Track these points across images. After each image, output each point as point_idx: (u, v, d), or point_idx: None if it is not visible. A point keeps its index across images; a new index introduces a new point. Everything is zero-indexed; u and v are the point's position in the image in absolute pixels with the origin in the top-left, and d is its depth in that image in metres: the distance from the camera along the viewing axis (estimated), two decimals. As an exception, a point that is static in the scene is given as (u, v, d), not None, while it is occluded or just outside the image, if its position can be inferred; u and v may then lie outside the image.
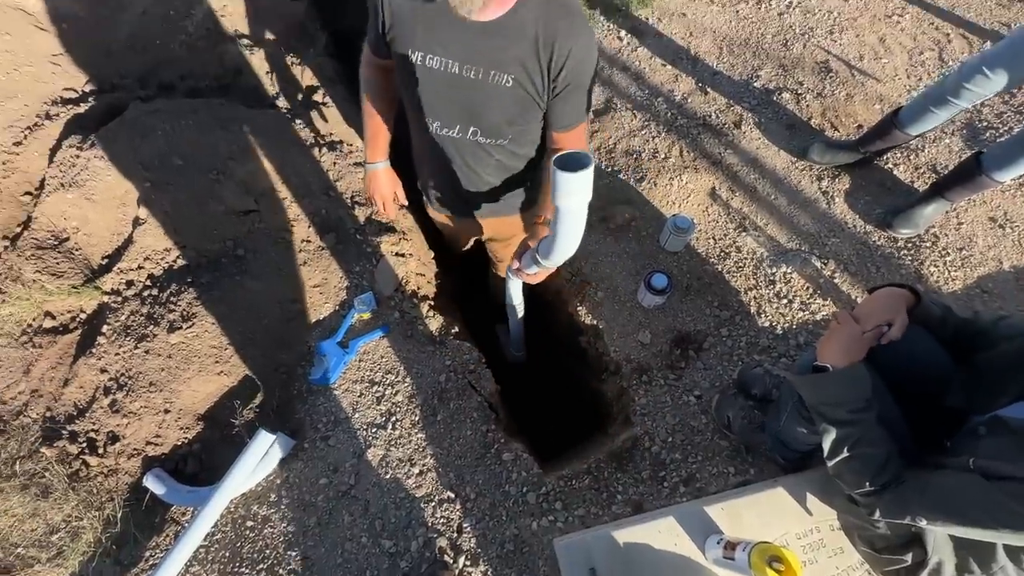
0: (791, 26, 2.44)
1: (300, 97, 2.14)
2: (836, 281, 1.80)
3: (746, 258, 1.86)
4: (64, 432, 1.54)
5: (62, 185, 1.76)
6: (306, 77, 2.19)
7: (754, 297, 1.78)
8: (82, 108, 1.93)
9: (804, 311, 1.75)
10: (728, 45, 2.39)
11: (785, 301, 1.77)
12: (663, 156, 2.07)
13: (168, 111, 1.82)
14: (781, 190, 1.99)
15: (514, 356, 2.01)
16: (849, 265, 1.83)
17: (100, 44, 2.06)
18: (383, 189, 1.41)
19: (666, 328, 1.74)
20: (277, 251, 1.76)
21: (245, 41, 2.17)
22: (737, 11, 2.50)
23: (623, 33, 2.43)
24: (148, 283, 1.67)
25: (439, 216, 1.61)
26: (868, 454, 0.91)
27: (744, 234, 1.90)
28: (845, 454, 0.93)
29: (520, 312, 1.65)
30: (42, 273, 1.72)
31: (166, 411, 1.56)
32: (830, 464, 0.98)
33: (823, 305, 1.76)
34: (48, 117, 1.92)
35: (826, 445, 0.97)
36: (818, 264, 1.82)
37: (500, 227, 1.54)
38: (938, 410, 0.99)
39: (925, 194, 1.83)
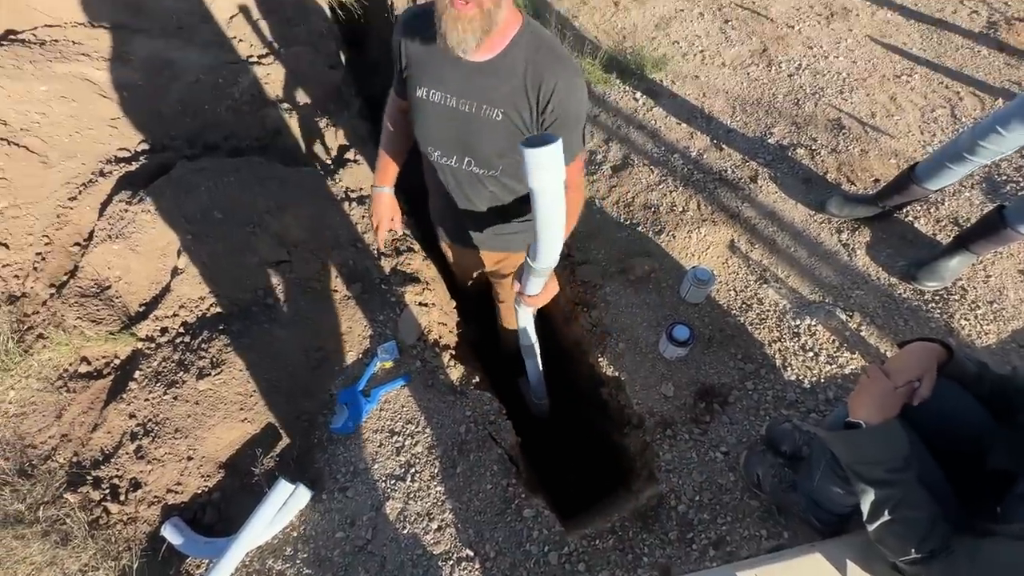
0: (801, 86, 2.53)
1: (333, 155, 2.27)
2: (863, 334, 1.77)
3: (769, 310, 1.85)
4: (89, 478, 1.55)
5: (109, 237, 1.86)
6: (340, 137, 2.33)
7: (779, 350, 1.75)
8: (134, 167, 2.08)
9: (831, 364, 1.71)
10: (741, 104, 2.48)
11: (811, 354, 1.74)
12: (681, 209, 2.12)
13: (212, 169, 1.94)
14: (801, 242, 2.01)
15: (538, 407, 1.98)
16: (875, 318, 1.80)
17: (154, 109, 2.24)
18: (382, 211, 1.52)
19: (689, 380, 1.72)
20: (305, 300, 1.82)
21: (285, 105, 2.35)
22: (748, 73, 2.61)
23: (638, 94, 2.55)
24: (181, 330, 1.73)
25: (445, 247, 1.73)
26: (911, 517, 0.87)
27: (765, 286, 1.90)
28: (886, 517, 0.89)
29: (536, 353, 1.64)
30: (83, 319, 1.80)
31: (189, 458, 1.57)
32: (870, 528, 0.93)
33: (851, 359, 1.72)
34: (102, 175, 2.07)
35: (865, 507, 0.93)
36: (843, 316, 1.80)
37: (500, 262, 1.61)
38: (981, 472, 0.94)
39: (949, 247, 1.82)
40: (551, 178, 0.85)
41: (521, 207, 1.39)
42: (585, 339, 1.94)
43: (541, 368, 1.73)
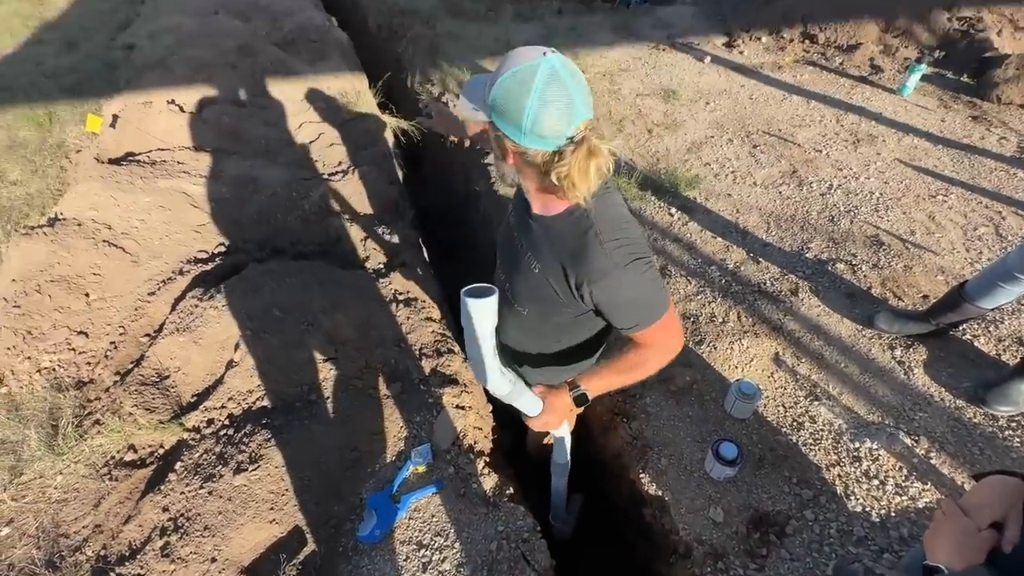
0: (835, 205, 2.61)
1: (385, 260, 2.45)
2: (933, 461, 1.62)
3: (823, 430, 1.74)
4: (112, 575, 1.52)
5: (177, 329, 2.02)
6: (393, 244, 2.53)
7: (839, 475, 1.62)
8: (209, 267, 2.30)
9: (901, 495, 1.55)
10: (775, 220, 2.56)
11: (876, 482, 1.59)
12: (721, 320, 2.11)
13: (277, 271, 2.13)
14: (851, 359, 1.93)
15: (559, 530, 1.85)
16: (945, 444, 1.66)
17: (235, 218, 2.53)
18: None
19: (741, 506, 1.58)
20: (347, 397, 1.86)
21: (347, 215, 2.60)
22: (780, 192, 2.73)
23: (673, 210, 2.69)
24: (227, 422, 1.78)
25: None
26: None
27: (817, 403, 1.81)
28: None
29: (565, 472, 1.55)
30: (138, 407, 1.88)
31: (212, 559, 1.53)
32: None
33: (923, 490, 1.56)
34: (181, 273, 2.29)
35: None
36: (908, 441, 1.66)
37: None
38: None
39: (1018, 368, 1.71)
40: (478, 324, 0.93)
41: (548, 354, 1.37)
42: (625, 452, 1.85)
43: (565, 492, 1.63)
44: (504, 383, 1.04)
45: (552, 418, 1.18)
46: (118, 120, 3.07)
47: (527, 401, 1.12)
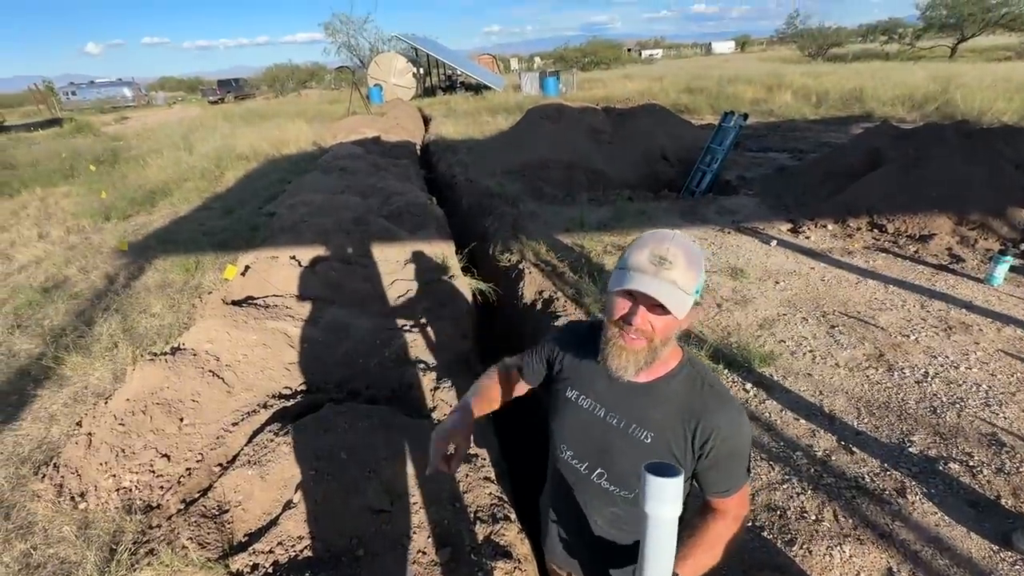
0: (935, 394, 2.39)
1: (449, 411, 2.49)
2: None
3: None
4: None
5: (248, 462, 2.09)
6: (458, 396, 2.59)
7: None
8: (290, 403, 2.45)
9: None
10: (866, 407, 2.37)
11: None
12: (814, 518, 1.85)
13: (350, 413, 2.22)
14: (991, 588, 1.57)
15: None
16: None
17: (323, 359, 2.76)
18: (450, 431, 1.24)
19: None
20: (392, 558, 1.75)
21: (421, 365, 2.75)
22: (867, 376, 2.56)
23: (748, 385, 2.58)
24: (270, 570, 1.71)
25: (550, 560, 1.49)
26: None
27: (955, 646, 1.44)
28: None
29: None
30: (192, 540, 1.88)
31: None
32: None
33: None
34: (264, 407, 2.46)
35: None
36: None
37: None
38: None
39: None
40: (668, 510, 0.83)
41: (636, 544, 1.27)
42: None
43: None
44: None
45: None
46: (248, 270, 3.66)
47: None
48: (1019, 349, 2.67)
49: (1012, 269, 3.40)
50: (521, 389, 1.41)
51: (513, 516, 1.96)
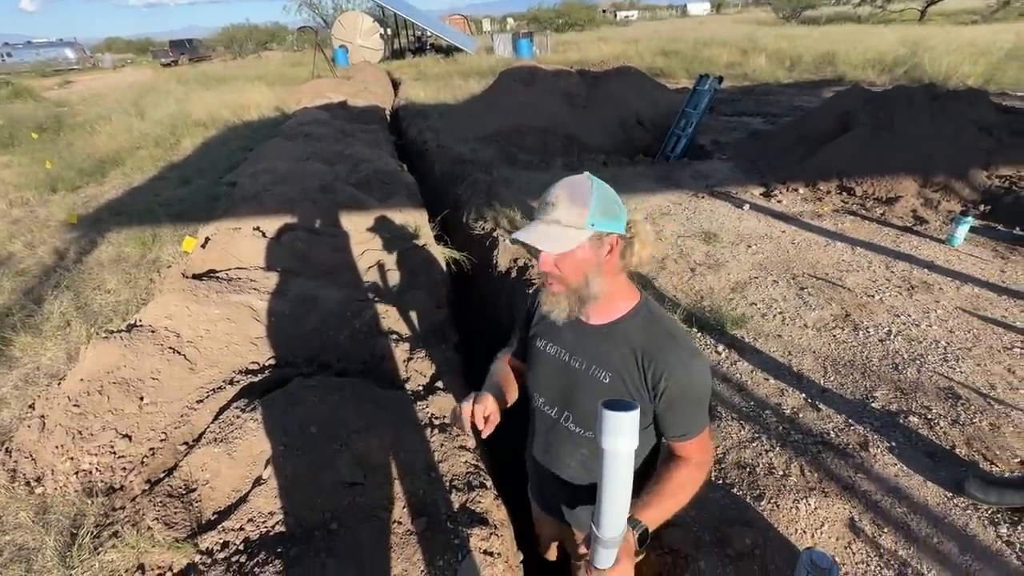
0: (897, 351, 2.47)
1: (425, 382, 2.45)
2: None
3: (923, 625, 1.43)
4: None
5: (215, 440, 2.02)
6: (434, 367, 2.55)
7: None
8: (257, 378, 2.37)
9: None
10: (832, 365, 2.43)
11: None
12: (781, 473, 1.91)
13: (320, 387, 2.16)
14: (945, 533, 1.66)
15: None
16: (1093, 663, 1.31)
17: (291, 332, 2.67)
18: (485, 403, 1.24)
19: None
20: (367, 530, 1.73)
21: (394, 336, 2.69)
22: (834, 335, 2.63)
23: (721, 347, 2.62)
24: (241, 547, 1.67)
25: (535, 512, 1.56)
26: None
27: (910, 588, 1.52)
28: None
29: None
30: (159, 521, 1.82)
31: None
32: None
33: None
34: (231, 383, 2.37)
35: None
36: (1040, 653, 1.33)
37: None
38: None
39: None
40: (624, 443, 0.83)
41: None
42: (676, 630, 1.57)
43: None
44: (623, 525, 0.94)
45: (629, 565, 1.01)
46: (208, 242, 3.48)
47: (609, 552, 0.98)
48: (976, 306, 2.77)
49: (972, 230, 3.50)
50: (522, 367, 1.42)
51: (489, 483, 1.96)
